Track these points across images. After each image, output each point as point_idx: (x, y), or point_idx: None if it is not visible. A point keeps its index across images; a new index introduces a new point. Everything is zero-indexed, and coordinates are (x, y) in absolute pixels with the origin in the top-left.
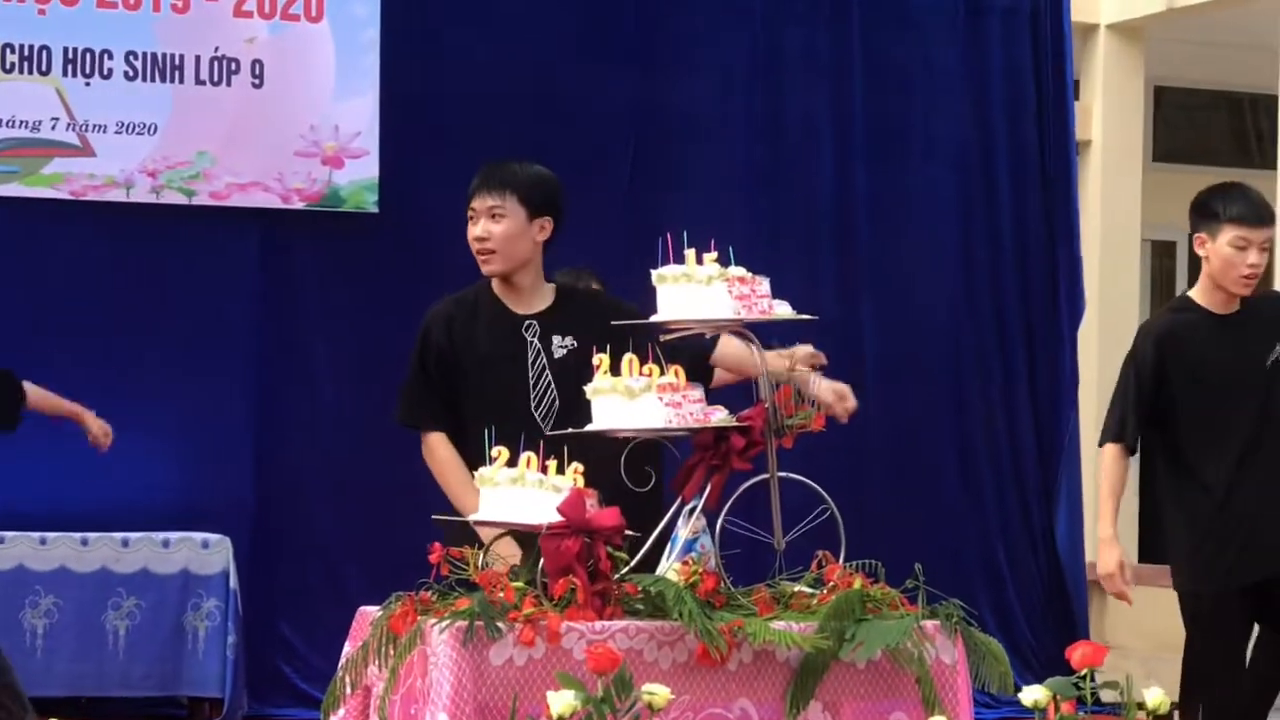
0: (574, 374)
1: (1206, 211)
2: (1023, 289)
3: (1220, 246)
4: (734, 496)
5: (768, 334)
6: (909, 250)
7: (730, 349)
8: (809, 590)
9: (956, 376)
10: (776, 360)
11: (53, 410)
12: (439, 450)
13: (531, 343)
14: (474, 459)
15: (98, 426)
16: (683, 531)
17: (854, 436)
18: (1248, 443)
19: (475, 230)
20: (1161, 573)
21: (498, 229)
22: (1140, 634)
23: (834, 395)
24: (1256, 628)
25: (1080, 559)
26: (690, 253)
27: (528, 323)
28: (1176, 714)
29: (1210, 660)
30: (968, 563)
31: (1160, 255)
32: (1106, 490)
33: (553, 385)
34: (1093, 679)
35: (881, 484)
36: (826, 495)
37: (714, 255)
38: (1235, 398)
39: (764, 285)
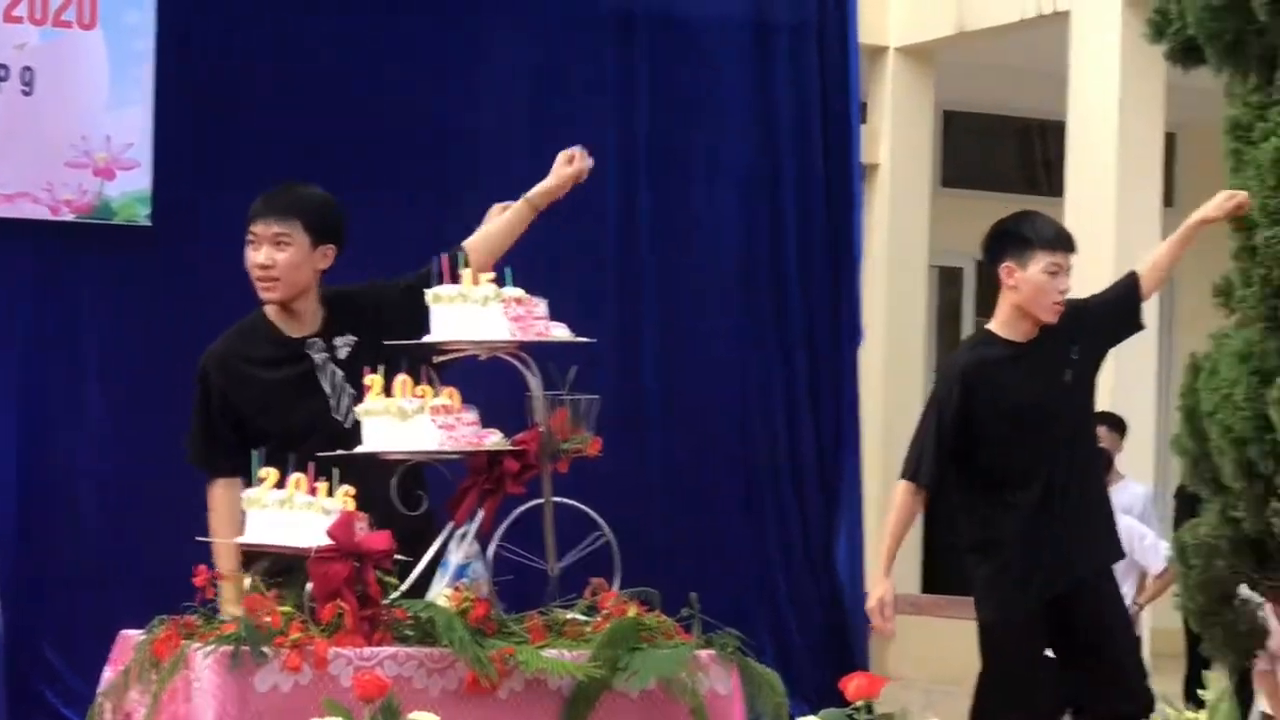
0: (362, 365)
1: (1016, 239)
2: (807, 315)
3: (1033, 274)
4: (507, 521)
5: (544, 357)
6: (692, 275)
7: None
8: (583, 618)
9: (740, 403)
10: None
11: None
12: (214, 503)
13: (316, 358)
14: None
15: None
16: (454, 556)
17: (634, 463)
18: (1057, 467)
19: (258, 257)
20: (944, 604)
21: (282, 257)
22: (922, 665)
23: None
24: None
25: (860, 589)
26: (466, 273)
27: (310, 341)
28: None
29: (1004, 690)
30: (748, 593)
31: (946, 282)
32: (891, 525)
33: (347, 385)
34: (869, 710)
35: (662, 512)
36: (601, 520)
37: (490, 276)
38: (1043, 425)
39: (541, 307)
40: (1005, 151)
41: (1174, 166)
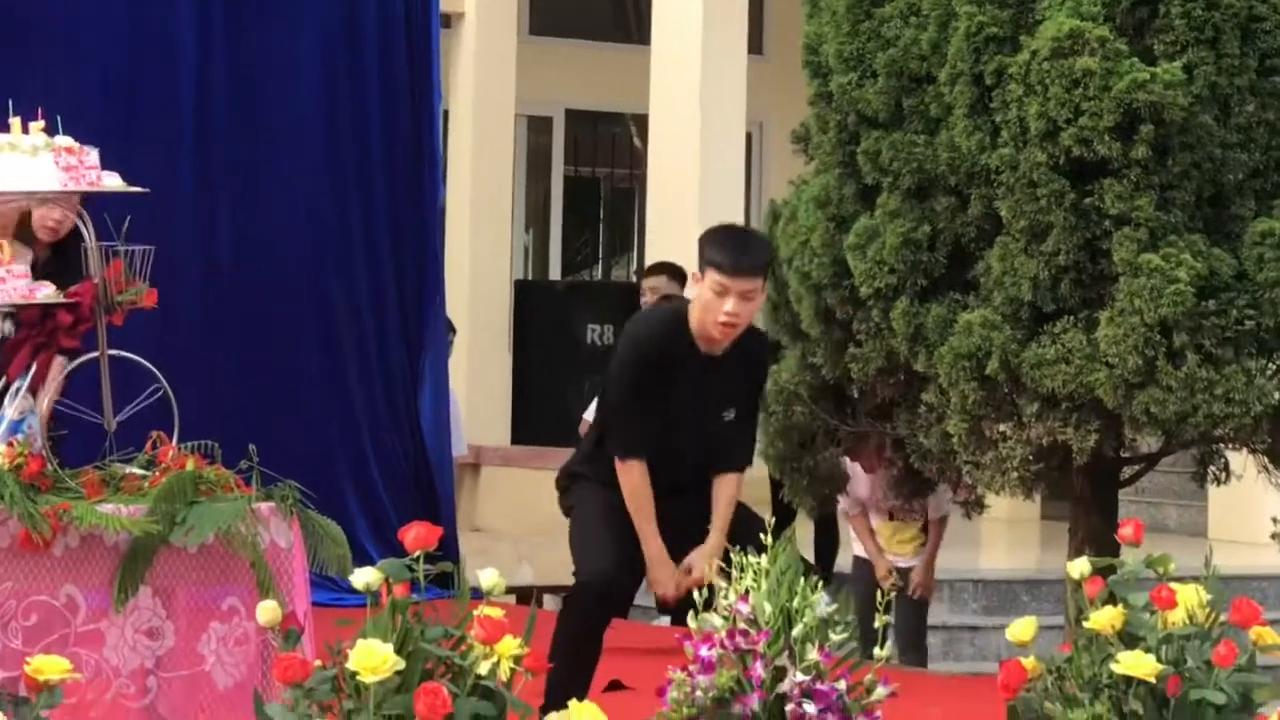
0: None
1: (700, 253)
2: (389, 170)
3: (704, 289)
4: (62, 375)
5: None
6: (270, 126)
7: None
8: (141, 472)
9: (318, 257)
10: None
11: None
12: None
13: None
14: None
15: None
16: (8, 411)
17: (207, 317)
18: (685, 469)
19: None
20: (534, 454)
21: None
22: (514, 518)
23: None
24: None
25: (446, 445)
26: (15, 121)
27: None
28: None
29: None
30: (331, 451)
31: (537, 131)
32: (641, 511)
33: None
34: (430, 560)
35: (237, 367)
36: (158, 373)
37: (41, 124)
38: (685, 426)
39: (92, 156)
40: None
41: (762, 13)
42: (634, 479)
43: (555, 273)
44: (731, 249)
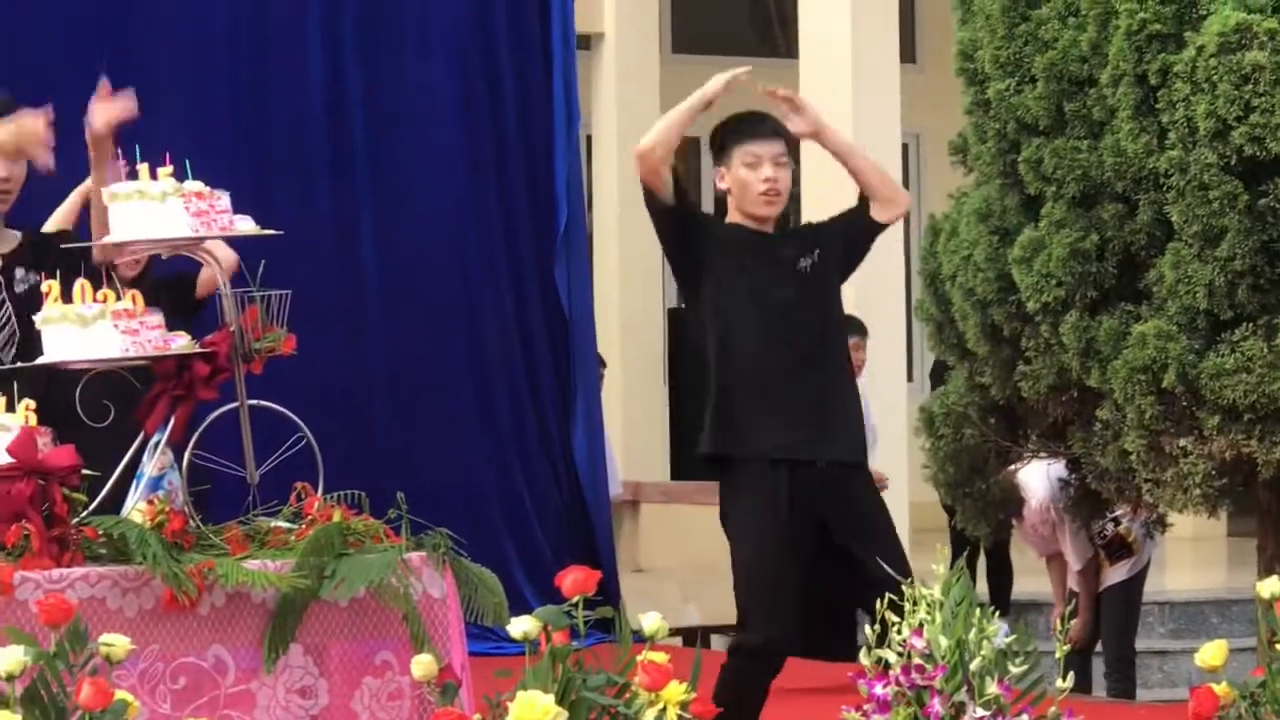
0: (36, 308)
1: (715, 145)
2: (530, 192)
3: (734, 174)
4: (201, 428)
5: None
6: (407, 161)
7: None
8: (287, 526)
9: (465, 290)
10: None
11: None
12: None
13: None
14: None
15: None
16: (148, 468)
17: (351, 359)
18: (786, 328)
19: None
20: (696, 489)
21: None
22: (677, 555)
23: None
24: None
25: (602, 483)
26: (144, 168)
27: None
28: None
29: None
30: (484, 491)
31: (685, 151)
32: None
33: (13, 319)
34: (587, 605)
35: (386, 410)
36: (299, 421)
37: (169, 170)
38: (777, 283)
39: (224, 200)
40: (736, 12)
41: (914, 20)
42: None
43: None
44: (749, 120)
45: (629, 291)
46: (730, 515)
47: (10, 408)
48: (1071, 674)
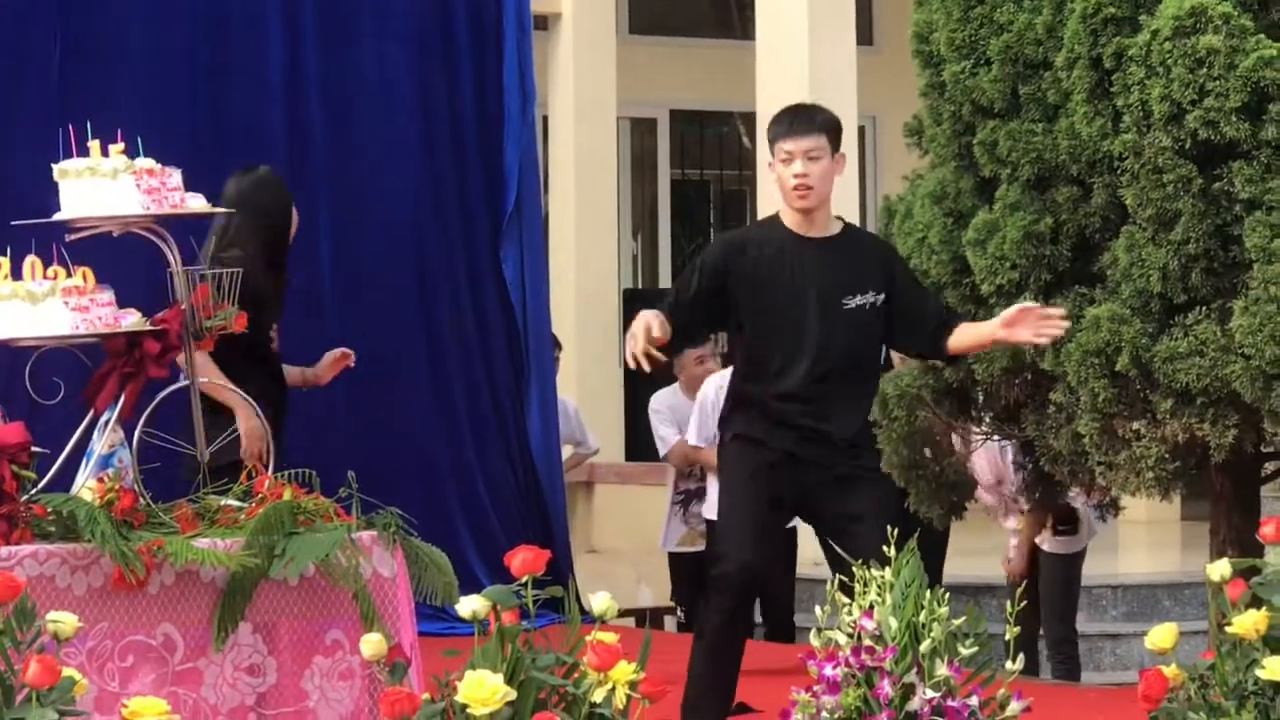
0: None
1: (768, 138)
2: (486, 175)
3: (776, 166)
4: (151, 405)
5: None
6: (363, 143)
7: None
8: (236, 504)
9: (420, 273)
10: None
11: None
12: None
13: None
14: None
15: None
16: (97, 445)
17: (307, 341)
18: (813, 353)
19: None
20: (650, 470)
21: None
22: (631, 537)
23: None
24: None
25: (556, 463)
26: (94, 144)
27: None
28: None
29: (732, 480)
30: (438, 473)
31: (640, 133)
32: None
33: None
34: (536, 585)
35: (340, 390)
36: (248, 399)
37: (121, 147)
38: (808, 306)
39: (175, 177)
40: None
41: (870, 4)
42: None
43: (665, 280)
44: (785, 117)
45: (585, 273)
46: (722, 475)
47: None
48: (1021, 656)
